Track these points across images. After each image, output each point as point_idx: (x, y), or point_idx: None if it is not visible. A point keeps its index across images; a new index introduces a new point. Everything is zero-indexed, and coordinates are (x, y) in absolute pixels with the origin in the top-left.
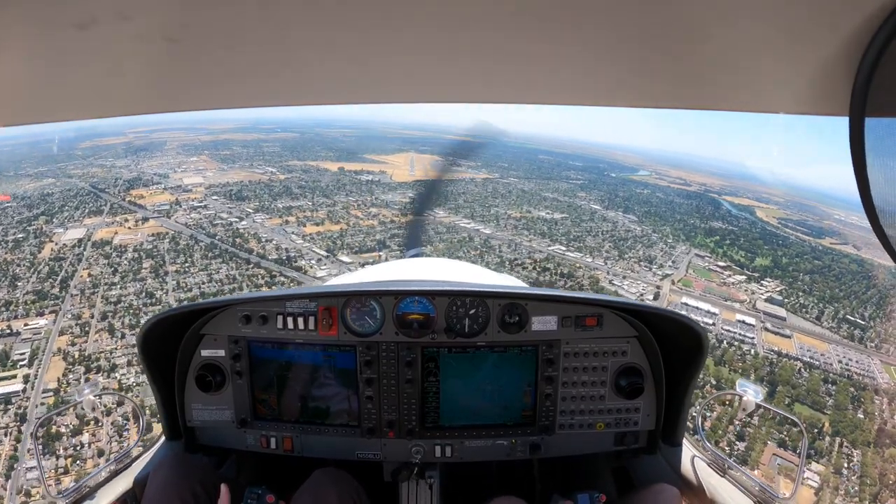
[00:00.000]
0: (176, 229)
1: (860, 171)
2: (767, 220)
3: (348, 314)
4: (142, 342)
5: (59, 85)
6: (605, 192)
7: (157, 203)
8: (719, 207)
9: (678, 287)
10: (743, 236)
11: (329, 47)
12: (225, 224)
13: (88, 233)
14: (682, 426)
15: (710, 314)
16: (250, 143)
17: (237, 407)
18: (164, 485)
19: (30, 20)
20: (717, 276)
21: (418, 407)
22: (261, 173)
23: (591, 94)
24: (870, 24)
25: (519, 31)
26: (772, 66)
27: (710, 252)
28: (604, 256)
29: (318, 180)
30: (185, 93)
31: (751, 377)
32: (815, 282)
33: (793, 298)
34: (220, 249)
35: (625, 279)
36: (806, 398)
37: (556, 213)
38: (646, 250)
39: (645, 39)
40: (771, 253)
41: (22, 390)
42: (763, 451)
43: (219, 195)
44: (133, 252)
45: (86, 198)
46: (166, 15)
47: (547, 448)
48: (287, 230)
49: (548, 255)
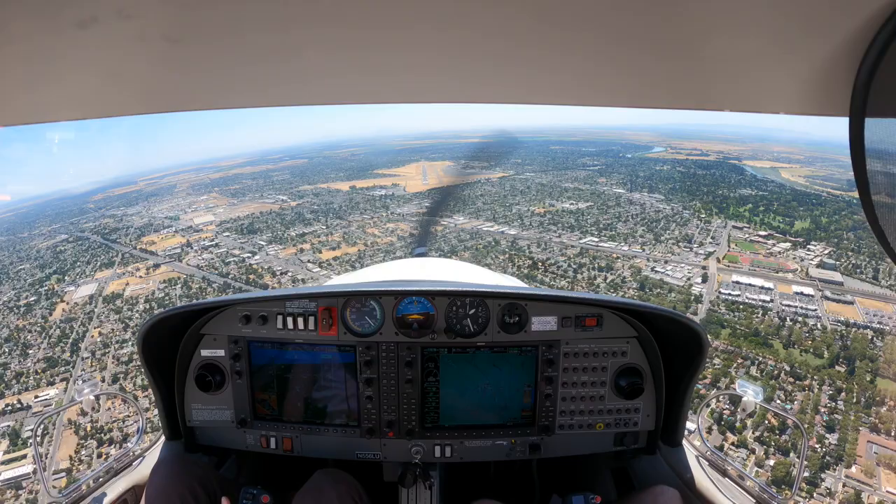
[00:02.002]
0: (188, 272)
1: (860, 171)
2: (795, 179)
3: (348, 314)
4: (142, 342)
5: (59, 85)
6: (625, 174)
7: (168, 247)
8: (743, 173)
9: (724, 265)
10: (775, 200)
11: (330, 47)
12: (237, 261)
13: (100, 287)
14: (682, 426)
15: (765, 290)
16: (259, 174)
17: (237, 407)
18: (164, 485)
19: (30, 20)
20: (761, 247)
21: (418, 407)
22: (271, 203)
23: (592, 95)
24: (870, 25)
25: (521, 33)
26: (772, 67)
27: (746, 222)
28: (640, 242)
29: (330, 202)
30: (185, 93)
31: (824, 355)
32: (861, 238)
33: (844, 260)
34: (233, 289)
35: (667, 264)
36: (887, 371)
37: (580, 202)
38: (681, 229)
39: (646, 40)
40: (808, 214)
41: (33, 471)
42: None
43: (230, 231)
44: (144, 303)
45: (97, 250)
46: (166, 15)
47: (546, 448)
48: (302, 259)
49: (581, 248)
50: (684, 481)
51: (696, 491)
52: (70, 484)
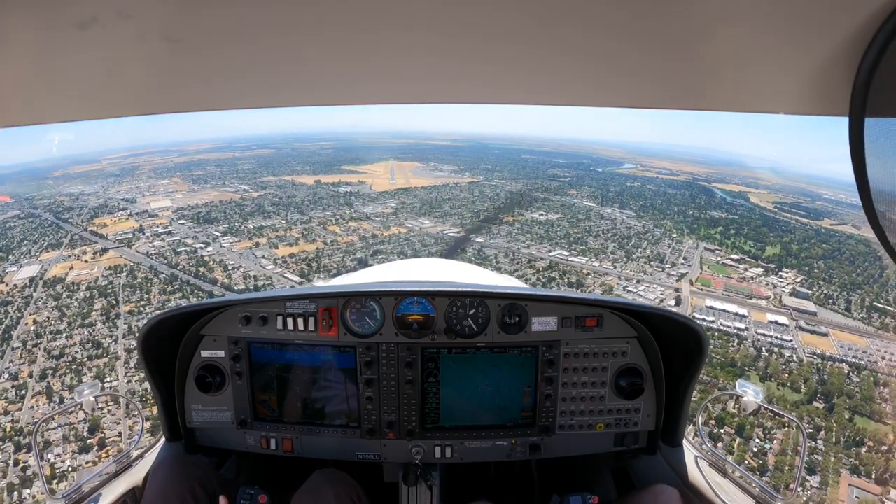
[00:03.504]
0: (136, 260)
1: (860, 171)
2: (763, 205)
3: (348, 315)
4: (142, 343)
5: (59, 85)
6: (596, 187)
7: (119, 232)
8: (713, 196)
9: (698, 288)
10: (745, 224)
11: (328, 48)
12: (189, 251)
13: (42, 270)
14: (683, 427)
15: (739, 317)
16: (224, 161)
17: (237, 408)
18: (164, 485)
19: (30, 20)
20: (734, 271)
21: (418, 408)
22: (233, 192)
23: (592, 95)
24: (870, 24)
25: (517, 34)
26: (772, 67)
27: (718, 244)
28: (611, 259)
29: (292, 195)
30: (185, 93)
31: (801, 390)
32: (831, 268)
33: (815, 289)
34: (180, 282)
35: (639, 283)
36: (864, 409)
37: (550, 213)
38: (652, 248)
39: (645, 40)
40: (778, 240)
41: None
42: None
43: (186, 219)
44: (85, 291)
45: (47, 230)
46: (166, 15)
47: (547, 449)
48: (257, 254)
49: (550, 262)
50: (684, 481)
51: (696, 491)
52: (70, 485)
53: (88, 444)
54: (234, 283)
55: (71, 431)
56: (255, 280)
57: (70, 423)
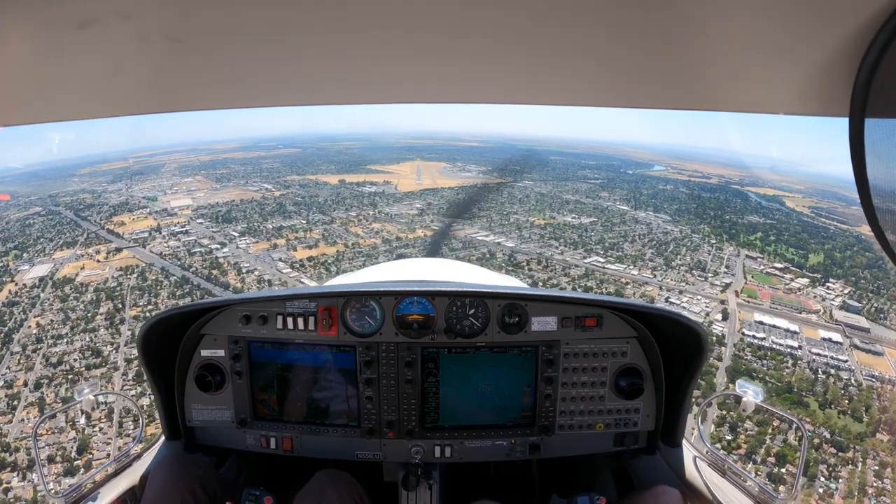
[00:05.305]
0: (149, 260)
1: (860, 172)
2: (800, 209)
3: (348, 314)
4: (142, 342)
5: (60, 85)
6: (628, 190)
7: (136, 230)
8: (748, 200)
9: (744, 300)
10: (784, 230)
11: (329, 47)
12: (204, 252)
13: (54, 269)
14: (682, 427)
15: (790, 334)
16: (249, 160)
17: (237, 407)
18: (164, 485)
19: (30, 20)
20: (779, 281)
21: (418, 407)
22: (255, 191)
23: (593, 96)
24: (870, 25)
25: (517, 33)
26: (772, 67)
27: (759, 252)
28: (649, 266)
29: (315, 195)
30: (186, 93)
31: (863, 419)
32: (878, 278)
33: (865, 302)
34: (191, 285)
35: (682, 294)
36: None
37: (582, 216)
38: (692, 255)
39: (645, 41)
40: (820, 247)
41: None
42: None
43: (205, 218)
44: (93, 293)
45: (65, 227)
46: (166, 15)
47: (546, 448)
48: (273, 256)
49: (585, 269)
50: (684, 481)
51: (696, 491)
52: (70, 484)
53: (76, 467)
54: (246, 287)
55: (58, 451)
56: (269, 285)
57: (58, 441)
